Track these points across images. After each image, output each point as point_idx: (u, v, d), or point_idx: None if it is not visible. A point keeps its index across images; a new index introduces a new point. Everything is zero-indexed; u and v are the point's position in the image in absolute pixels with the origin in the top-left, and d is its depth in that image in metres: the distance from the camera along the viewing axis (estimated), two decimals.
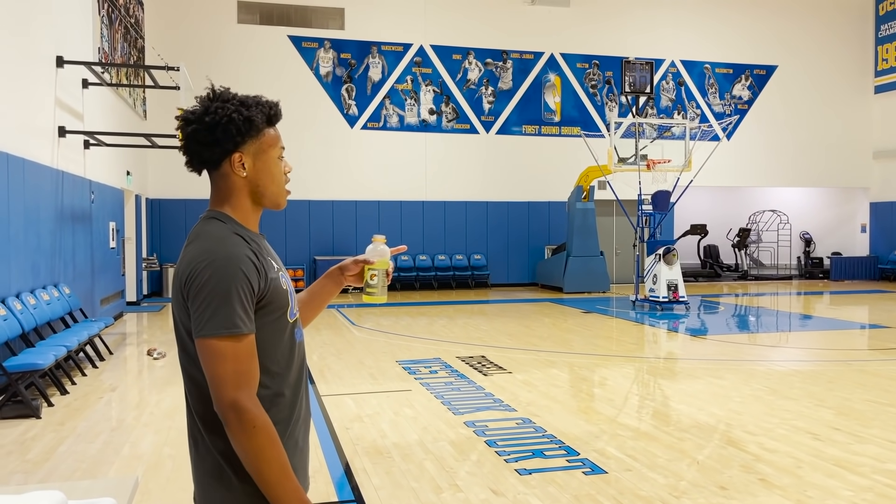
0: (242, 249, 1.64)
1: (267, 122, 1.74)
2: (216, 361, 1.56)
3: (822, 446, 5.04)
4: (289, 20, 17.27)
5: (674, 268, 13.22)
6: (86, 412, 6.22)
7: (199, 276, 1.59)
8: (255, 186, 1.74)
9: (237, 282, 1.59)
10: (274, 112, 1.76)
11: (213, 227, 1.68)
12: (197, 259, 1.62)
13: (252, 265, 1.63)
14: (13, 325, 6.52)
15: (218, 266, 1.59)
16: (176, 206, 16.17)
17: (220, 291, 1.57)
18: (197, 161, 1.73)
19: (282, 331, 1.71)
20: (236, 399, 1.55)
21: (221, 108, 1.68)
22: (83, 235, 9.99)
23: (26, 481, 4.46)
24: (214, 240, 1.64)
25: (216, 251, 1.61)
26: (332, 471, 4.63)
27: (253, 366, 1.60)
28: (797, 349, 9.87)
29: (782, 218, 21.49)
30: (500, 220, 18.51)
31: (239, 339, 1.58)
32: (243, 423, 1.55)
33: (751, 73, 20.44)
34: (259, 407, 1.58)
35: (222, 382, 1.56)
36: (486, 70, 18.52)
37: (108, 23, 11.83)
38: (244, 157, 1.71)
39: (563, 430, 5.51)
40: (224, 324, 1.56)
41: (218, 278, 1.58)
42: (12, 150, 7.17)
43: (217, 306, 1.57)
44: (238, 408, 1.55)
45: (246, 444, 1.56)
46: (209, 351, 1.56)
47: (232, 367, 1.56)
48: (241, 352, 1.58)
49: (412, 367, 8.08)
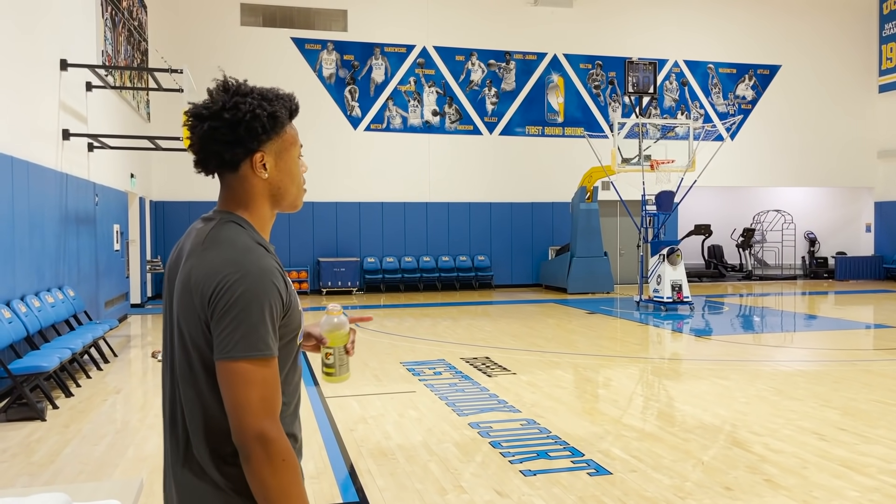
0: (270, 261, 1.49)
1: (290, 118, 1.60)
2: (244, 386, 1.40)
3: (827, 447, 5.02)
4: (292, 22, 17.30)
5: (678, 268, 13.19)
6: (90, 414, 6.23)
7: (230, 290, 1.42)
8: (276, 188, 1.59)
9: (271, 298, 1.44)
10: (295, 106, 1.62)
11: (235, 233, 1.52)
12: (224, 270, 1.44)
13: (281, 279, 1.49)
14: (18, 328, 6.54)
15: (252, 280, 1.43)
16: (180, 208, 16.19)
17: (255, 309, 1.42)
18: (215, 163, 1.55)
19: (290, 354, 1.56)
20: (263, 429, 1.39)
21: (243, 102, 1.52)
22: (87, 238, 10.01)
23: (31, 483, 4.46)
24: (242, 249, 1.48)
25: (247, 263, 1.45)
26: (336, 472, 4.63)
27: (279, 393, 1.46)
28: (802, 349, 9.84)
29: (787, 218, 21.44)
30: (503, 222, 18.50)
31: (269, 361, 1.43)
32: (271, 457, 1.39)
33: (754, 72, 20.40)
34: (285, 437, 1.43)
35: (249, 410, 1.39)
36: (489, 71, 18.52)
37: (112, 25, 11.85)
38: (266, 157, 1.56)
39: (568, 431, 5.50)
40: (257, 345, 1.41)
41: (252, 294, 1.42)
42: (17, 153, 7.18)
43: (250, 325, 1.41)
44: (266, 439, 1.39)
45: (271, 480, 1.40)
46: (235, 375, 1.40)
47: (260, 392, 1.41)
48: (270, 376, 1.43)
49: (416, 368, 8.08)
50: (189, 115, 1.55)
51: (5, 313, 6.41)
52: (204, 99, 1.57)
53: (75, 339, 7.40)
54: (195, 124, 1.53)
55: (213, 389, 1.47)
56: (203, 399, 1.48)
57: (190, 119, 1.54)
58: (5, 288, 6.78)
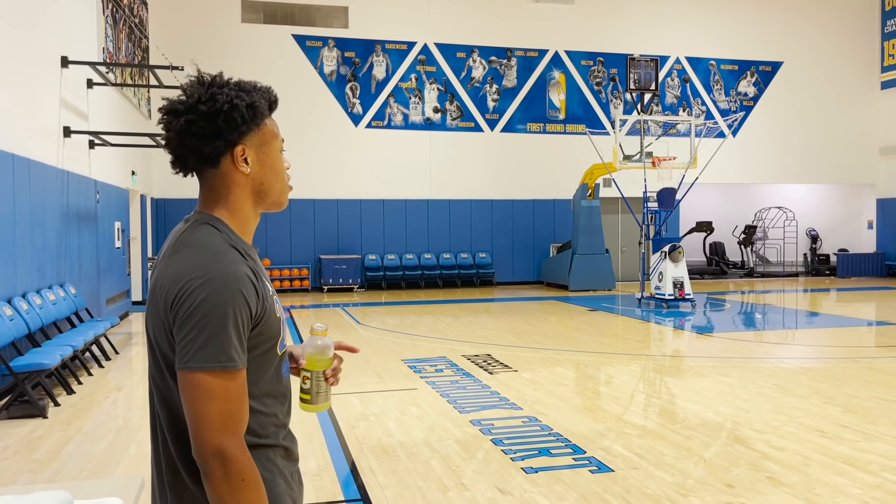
0: (241, 266, 1.40)
1: (269, 110, 1.53)
2: (202, 399, 1.32)
3: (830, 444, 5.02)
4: (293, 19, 17.28)
5: (679, 265, 13.18)
6: (92, 412, 6.23)
7: (192, 296, 1.34)
8: (259, 184, 1.51)
9: (236, 305, 1.35)
10: (274, 98, 1.55)
11: (207, 235, 1.44)
12: (189, 275, 1.36)
13: (252, 286, 1.40)
14: (19, 326, 6.54)
15: (216, 286, 1.35)
16: (181, 205, 16.19)
17: (216, 317, 1.33)
18: (194, 158, 1.48)
19: (268, 365, 1.48)
20: (222, 445, 1.32)
21: (219, 93, 1.45)
22: (89, 235, 10.01)
23: (33, 481, 4.47)
24: (210, 253, 1.40)
25: (213, 268, 1.37)
26: (338, 470, 4.62)
27: (244, 407, 1.37)
28: (804, 346, 9.83)
29: (788, 215, 21.42)
30: (504, 219, 18.49)
31: (232, 374, 1.35)
32: (229, 475, 1.32)
33: (756, 69, 20.37)
34: (247, 455, 1.35)
35: (207, 425, 1.32)
36: (490, 68, 18.49)
37: (113, 23, 11.84)
38: (247, 151, 1.49)
39: (570, 428, 5.50)
40: (217, 356, 1.33)
41: (214, 301, 1.34)
42: (18, 151, 7.18)
43: (211, 334, 1.33)
44: (224, 456, 1.32)
45: (228, 498, 1.32)
46: (195, 386, 1.33)
47: (220, 406, 1.33)
48: (233, 389, 1.35)
49: (418, 365, 8.07)
50: (164, 111, 1.48)
51: (7, 310, 6.42)
52: (178, 94, 1.50)
53: (77, 336, 7.41)
54: (171, 120, 1.47)
55: None
56: (173, 405, 1.43)
57: (165, 115, 1.48)
58: (7, 285, 6.79)
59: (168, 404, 1.44)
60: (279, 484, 1.50)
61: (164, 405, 1.46)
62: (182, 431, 1.41)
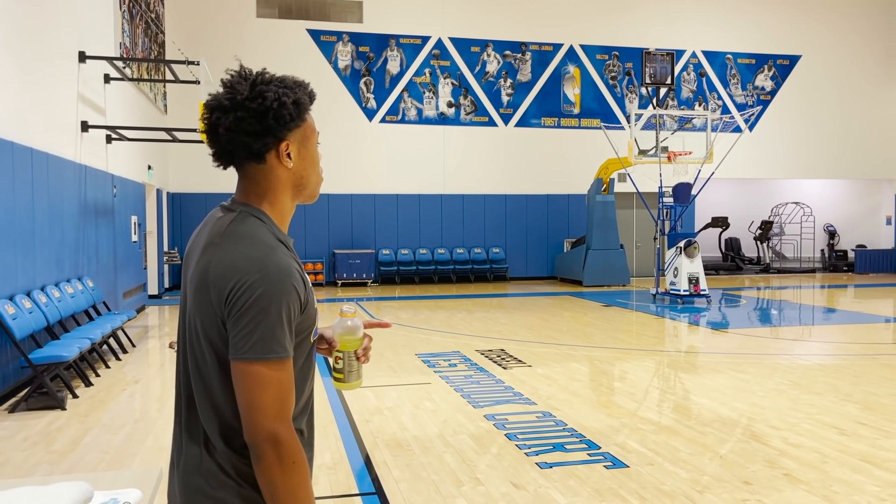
0: (290, 261, 1.47)
1: (309, 107, 1.59)
2: (257, 388, 1.39)
3: (847, 441, 4.97)
4: (307, 14, 17.30)
5: (695, 261, 13.10)
6: (110, 404, 6.29)
7: (249, 290, 1.39)
8: (300, 178, 1.57)
9: (289, 299, 1.42)
10: (312, 93, 1.59)
11: (256, 228, 1.48)
12: (245, 269, 1.41)
13: (300, 279, 1.47)
14: (38, 318, 6.61)
15: (271, 282, 1.40)
16: (196, 199, 16.29)
17: (273, 311, 1.39)
18: (243, 154, 1.50)
19: (302, 351, 1.53)
20: (275, 431, 1.39)
21: (267, 90, 1.48)
22: (106, 229, 10.09)
23: (51, 472, 4.52)
24: (263, 247, 1.44)
25: (268, 262, 1.42)
26: (352, 463, 4.64)
27: (293, 394, 1.45)
28: (821, 343, 9.74)
29: (805, 210, 21.22)
30: (518, 214, 18.45)
31: (284, 364, 1.42)
32: (282, 458, 1.39)
33: (774, 63, 20.17)
34: (296, 439, 1.43)
35: (261, 412, 1.39)
36: (504, 62, 18.43)
37: (129, 18, 11.91)
38: (291, 146, 1.53)
39: (584, 423, 5.49)
40: (274, 347, 1.39)
41: (271, 296, 1.39)
42: (36, 145, 7.25)
43: (268, 327, 1.39)
44: (277, 440, 1.39)
45: (280, 481, 1.40)
46: (251, 376, 1.39)
47: (274, 395, 1.40)
48: (285, 378, 1.42)
49: (431, 360, 8.08)
50: (211, 108, 1.49)
51: (26, 303, 6.49)
52: (222, 90, 1.51)
53: (94, 329, 7.48)
54: (219, 116, 1.48)
55: (225, 385, 1.45)
56: (214, 393, 1.46)
57: (213, 112, 1.49)
58: (26, 278, 6.86)
59: (207, 391, 1.48)
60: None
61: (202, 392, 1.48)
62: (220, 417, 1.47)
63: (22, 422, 5.67)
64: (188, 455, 1.51)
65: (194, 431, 1.51)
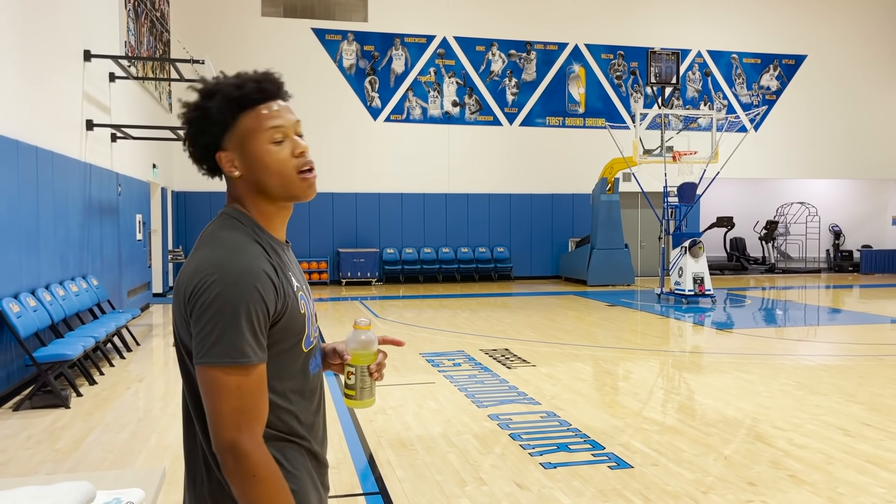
0: (259, 262, 1.39)
1: (237, 108, 1.44)
2: (217, 395, 1.33)
3: (853, 442, 4.95)
4: (312, 13, 17.31)
5: (700, 260, 13.06)
6: (114, 402, 6.30)
7: (206, 291, 1.34)
8: (255, 183, 1.47)
9: (250, 301, 1.35)
10: (243, 93, 1.44)
11: (229, 230, 1.44)
12: (205, 270, 1.36)
13: (269, 282, 1.39)
14: (43, 316, 6.62)
15: (229, 282, 1.34)
16: (201, 198, 16.31)
17: (229, 312, 1.33)
18: (199, 165, 1.52)
19: (292, 361, 1.47)
20: (235, 441, 1.33)
21: (183, 113, 1.47)
22: (110, 228, 10.11)
23: (55, 470, 4.52)
24: (227, 248, 1.40)
25: (229, 263, 1.37)
26: (356, 463, 4.64)
27: (260, 403, 1.37)
28: (826, 343, 9.71)
29: (811, 210, 21.16)
30: (523, 213, 18.43)
31: (246, 370, 1.34)
32: (242, 470, 1.33)
33: (779, 62, 20.11)
34: (262, 451, 1.36)
35: (222, 420, 1.33)
36: (509, 61, 18.41)
37: (135, 17, 11.93)
38: (232, 154, 1.46)
39: (588, 423, 5.47)
40: (230, 351, 1.33)
41: (227, 296, 1.33)
42: (41, 144, 7.26)
43: (223, 330, 1.33)
44: (237, 452, 1.33)
45: (240, 493, 1.35)
46: (210, 382, 1.34)
47: (235, 403, 1.33)
48: (248, 385, 1.35)
49: (436, 359, 8.08)
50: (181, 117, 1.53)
51: (30, 301, 6.50)
52: None
53: (99, 327, 7.49)
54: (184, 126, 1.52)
55: None
56: (196, 396, 1.44)
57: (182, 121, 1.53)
58: (31, 276, 6.87)
59: (192, 394, 1.46)
60: (304, 480, 1.49)
61: (187, 395, 1.48)
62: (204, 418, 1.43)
63: (26, 420, 5.69)
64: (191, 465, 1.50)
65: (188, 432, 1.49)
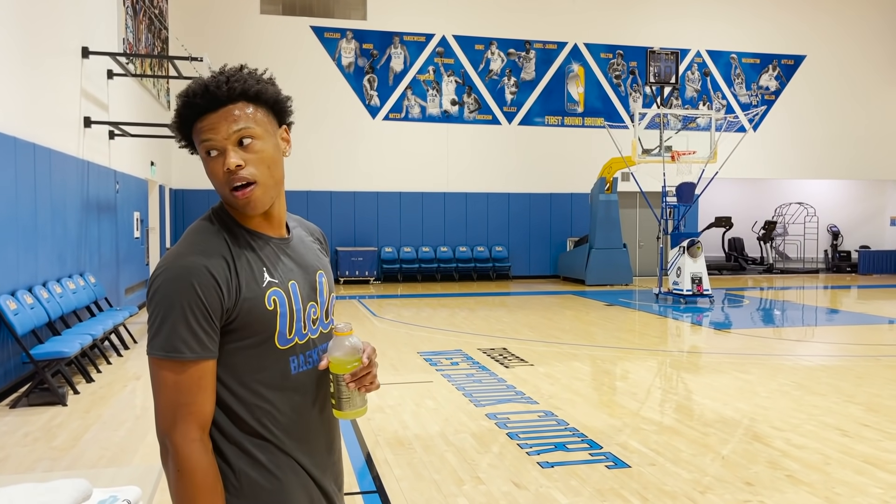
0: (204, 259, 1.39)
1: (185, 121, 1.46)
2: (156, 387, 1.38)
3: (850, 443, 4.95)
4: (311, 10, 17.28)
5: (698, 260, 13.07)
6: (111, 400, 6.29)
7: (153, 286, 1.39)
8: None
9: (185, 297, 1.35)
10: (177, 109, 1.45)
11: (199, 224, 1.48)
12: (158, 266, 1.41)
13: (211, 279, 1.37)
14: (40, 314, 6.61)
15: (169, 276, 1.37)
16: (199, 196, 16.28)
17: (165, 307, 1.36)
18: None
19: (263, 357, 1.45)
20: (168, 434, 1.36)
21: None
22: (108, 225, 10.09)
23: (52, 468, 4.51)
24: (184, 244, 1.43)
25: (175, 259, 1.40)
26: (353, 461, 4.63)
27: (199, 399, 1.37)
28: (824, 344, 9.72)
29: (809, 211, 21.17)
30: (521, 212, 18.43)
31: (182, 365, 1.36)
32: (172, 464, 1.36)
33: (778, 62, 20.11)
34: (191, 448, 1.36)
35: (159, 412, 1.37)
36: (508, 60, 18.40)
37: (133, 13, 11.90)
38: None
39: (586, 423, 5.47)
40: (164, 345, 1.35)
41: (165, 291, 1.36)
42: (39, 141, 7.24)
43: (161, 325, 1.36)
44: (168, 445, 1.36)
45: (169, 485, 1.38)
46: (152, 374, 1.39)
47: (171, 396, 1.36)
48: (184, 381, 1.36)
49: (433, 358, 8.07)
50: None
51: (27, 299, 6.48)
52: None
53: (96, 325, 7.47)
54: None
55: None
56: None
57: None
58: (28, 274, 6.85)
59: None
60: (288, 482, 1.48)
61: None
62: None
63: (23, 417, 5.67)
64: None
65: None
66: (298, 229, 1.67)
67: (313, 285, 1.57)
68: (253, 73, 1.49)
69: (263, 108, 1.48)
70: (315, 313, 1.55)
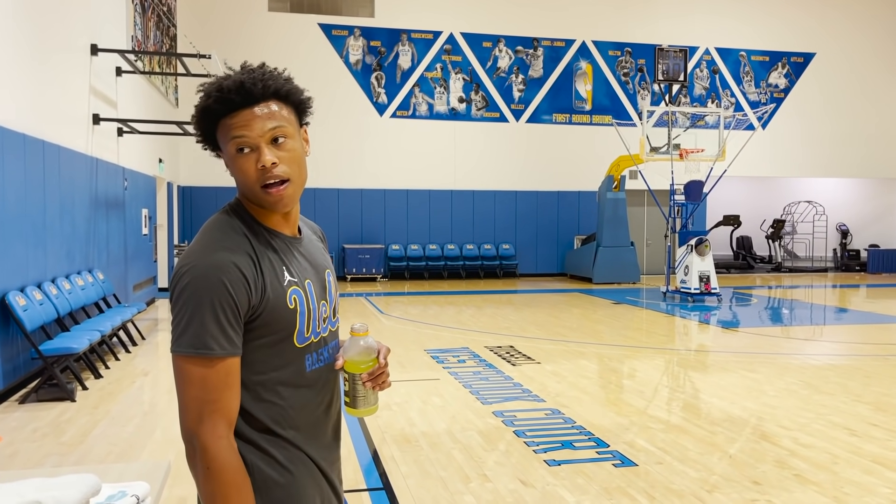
0: (232, 256, 1.39)
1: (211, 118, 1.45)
2: (182, 384, 1.36)
3: (859, 442, 4.93)
4: (319, 8, 17.29)
5: (706, 259, 13.03)
6: (119, 396, 6.32)
7: (179, 283, 1.38)
8: (238, 183, 1.47)
9: (215, 294, 1.35)
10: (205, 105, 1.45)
11: (220, 220, 1.47)
12: (182, 263, 1.40)
13: (240, 275, 1.38)
14: (49, 310, 6.64)
15: (197, 274, 1.36)
16: (207, 193, 16.33)
17: (194, 304, 1.35)
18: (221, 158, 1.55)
19: (282, 355, 1.46)
20: (195, 432, 1.35)
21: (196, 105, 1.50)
22: (116, 222, 10.13)
23: (61, 463, 4.54)
24: (207, 240, 1.42)
25: (201, 255, 1.39)
26: (360, 458, 4.64)
27: (225, 395, 1.37)
28: (833, 343, 9.67)
29: (818, 209, 21.07)
30: (529, 210, 18.41)
31: (210, 362, 1.35)
32: (200, 462, 1.35)
33: (788, 60, 20.01)
34: (220, 445, 1.36)
35: (185, 409, 1.36)
36: (516, 58, 18.37)
37: (142, 11, 11.94)
38: (224, 155, 1.48)
39: (593, 421, 5.46)
40: (193, 342, 1.35)
41: (194, 288, 1.35)
42: (48, 138, 7.27)
43: (189, 321, 1.35)
44: (195, 442, 1.35)
45: (198, 483, 1.37)
46: (177, 371, 1.37)
47: (198, 393, 1.35)
48: (212, 378, 1.35)
49: (440, 356, 8.07)
50: None
51: (37, 295, 6.52)
52: None
53: (104, 321, 7.51)
54: None
55: None
56: None
57: None
58: (37, 270, 6.89)
59: None
60: (301, 477, 1.50)
61: None
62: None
63: (32, 413, 5.71)
64: None
65: None
66: (306, 229, 1.69)
67: (324, 284, 1.59)
68: (281, 73, 1.51)
69: (289, 107, 1.49)
70: (325, 311, 1.57)
